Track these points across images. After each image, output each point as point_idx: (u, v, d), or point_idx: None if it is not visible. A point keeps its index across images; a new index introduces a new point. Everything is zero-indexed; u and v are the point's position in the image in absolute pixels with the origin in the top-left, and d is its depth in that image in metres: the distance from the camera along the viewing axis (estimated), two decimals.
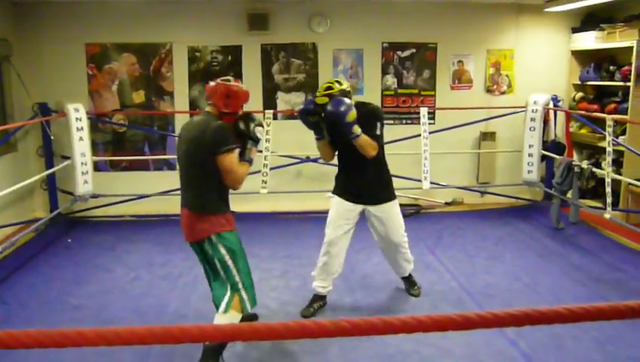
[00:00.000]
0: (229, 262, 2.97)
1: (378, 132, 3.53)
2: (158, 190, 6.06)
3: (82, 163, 5.54)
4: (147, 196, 6.05)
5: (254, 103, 6.21)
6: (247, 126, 3.02)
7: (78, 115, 5.48)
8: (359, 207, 3.72)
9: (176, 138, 3.65)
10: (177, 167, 3.23)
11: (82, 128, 5.51)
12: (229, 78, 3.11)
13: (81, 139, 5.51)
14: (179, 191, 3.08)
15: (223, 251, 2.96)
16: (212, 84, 3.05)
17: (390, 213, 3.75)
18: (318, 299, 3.84)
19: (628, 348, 3.29)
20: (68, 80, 6.04)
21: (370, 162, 3.57)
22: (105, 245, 5.24)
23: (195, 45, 6.21)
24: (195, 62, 6.21)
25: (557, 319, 0.96)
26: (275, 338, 0.98)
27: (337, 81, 3.56)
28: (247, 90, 3.10)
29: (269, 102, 6.31)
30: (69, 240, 5.41)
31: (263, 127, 3.19)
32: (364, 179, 3.68)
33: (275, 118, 6.05)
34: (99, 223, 5.97)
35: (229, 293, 2.99)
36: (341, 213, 3.71)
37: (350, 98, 3.49)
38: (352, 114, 3.36)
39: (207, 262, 3.10)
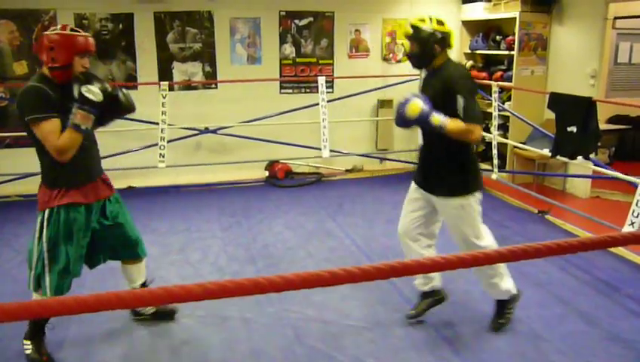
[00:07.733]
0: (43, 244, 2.75)
1: (460, 106, 2.63)
2: None
3: None
4: (35, 174, 5.64)
5: (149, 75, 5.97)
6: (78, 86, 2.54)
7: None
8: (426, 195, 2.98)
9: None
10: None
11: None
12: (57, 27, 2.61)
13: None
14: None
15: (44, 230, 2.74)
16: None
17: (451, 214, 2.93)
18: (422, 296, 3.27)
19: None
20: None
21: (442, 141, 2.72)
22: None
23: (82, 12, 5.81)
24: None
25: (420, 270, 1.01)
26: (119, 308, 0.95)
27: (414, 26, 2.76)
28: (75, 36, 2.55)
29: (165, 72, 6.07)
30: None
31: (106, 89, 2.57)
32: (431, 159, 2.94)
33: (171, 89, 5.84)
34: None
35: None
36: (408, 197, 3.10)
37: (431, 47, 2.75)
38: (413, 106, 2.55)
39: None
